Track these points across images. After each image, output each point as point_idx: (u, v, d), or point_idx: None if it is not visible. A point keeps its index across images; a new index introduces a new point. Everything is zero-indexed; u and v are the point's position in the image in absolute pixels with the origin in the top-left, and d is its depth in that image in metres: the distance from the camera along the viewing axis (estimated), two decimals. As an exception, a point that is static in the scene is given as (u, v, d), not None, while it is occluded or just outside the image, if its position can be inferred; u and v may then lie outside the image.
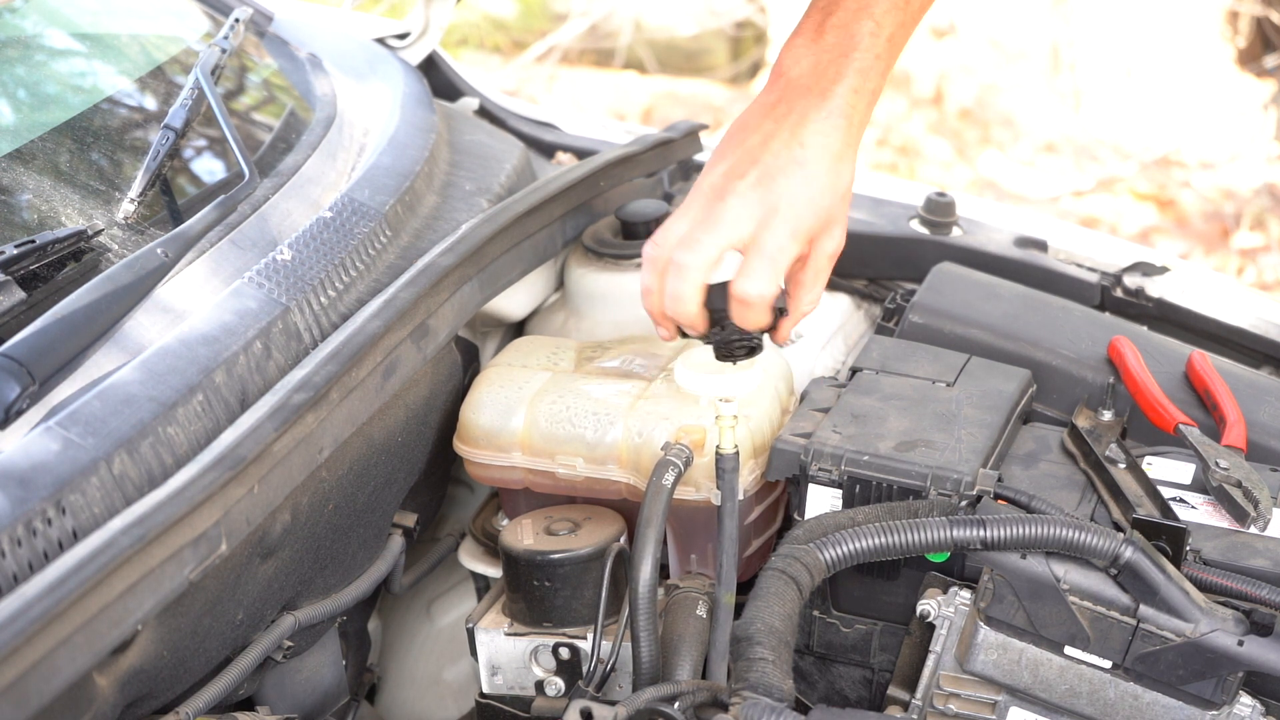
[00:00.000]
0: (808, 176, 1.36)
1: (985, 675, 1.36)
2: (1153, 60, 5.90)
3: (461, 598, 1.90)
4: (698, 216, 1.39)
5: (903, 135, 5.68)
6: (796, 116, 1.37)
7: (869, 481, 1.47)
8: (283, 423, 1.29)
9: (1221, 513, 1.46)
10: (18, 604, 1.02)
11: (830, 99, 1.37)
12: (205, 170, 1.77)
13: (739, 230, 1.36)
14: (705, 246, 1.37)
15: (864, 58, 1.38)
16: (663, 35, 6.12)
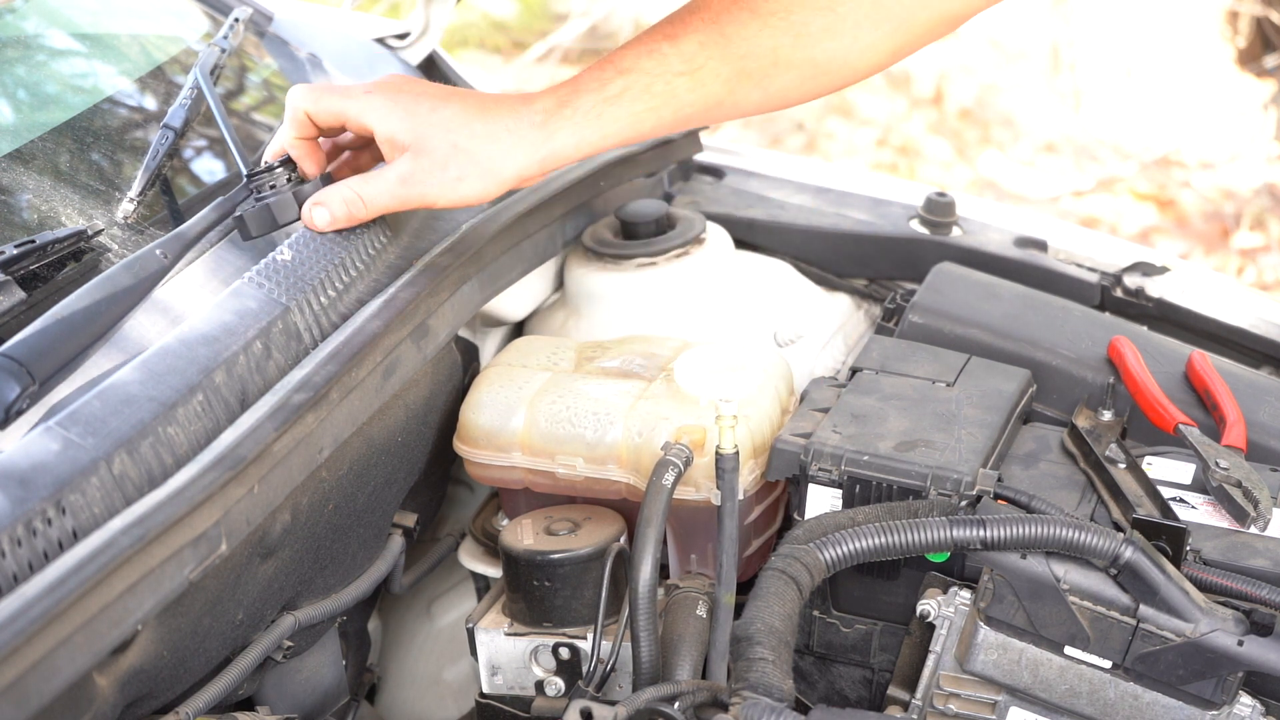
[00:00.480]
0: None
1: (985, 675, 1.36)
2: (1153, 60, 5.89)
3: (461, 598, 1.90)
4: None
5: (903, 135, 5.68)
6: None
7: (869, 481, 1.47)
8: (283, 423, 1.29)
9: (1221, 513, 1.46)
10: (18, 604, 1.02)
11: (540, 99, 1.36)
12: (205, 170, 1.77)
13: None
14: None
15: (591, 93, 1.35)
16: (663, 35, 6.11)
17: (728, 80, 1.36)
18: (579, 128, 1.35)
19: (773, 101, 1.41)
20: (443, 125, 1.35)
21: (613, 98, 1.34)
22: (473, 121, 1.35)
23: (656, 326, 1.79)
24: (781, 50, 1.36)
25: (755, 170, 2.18)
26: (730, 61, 1.35)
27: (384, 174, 1.38)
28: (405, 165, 1.36)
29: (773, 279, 1.93)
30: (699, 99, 1.36)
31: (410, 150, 1.35)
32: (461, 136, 1.34)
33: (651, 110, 1.35)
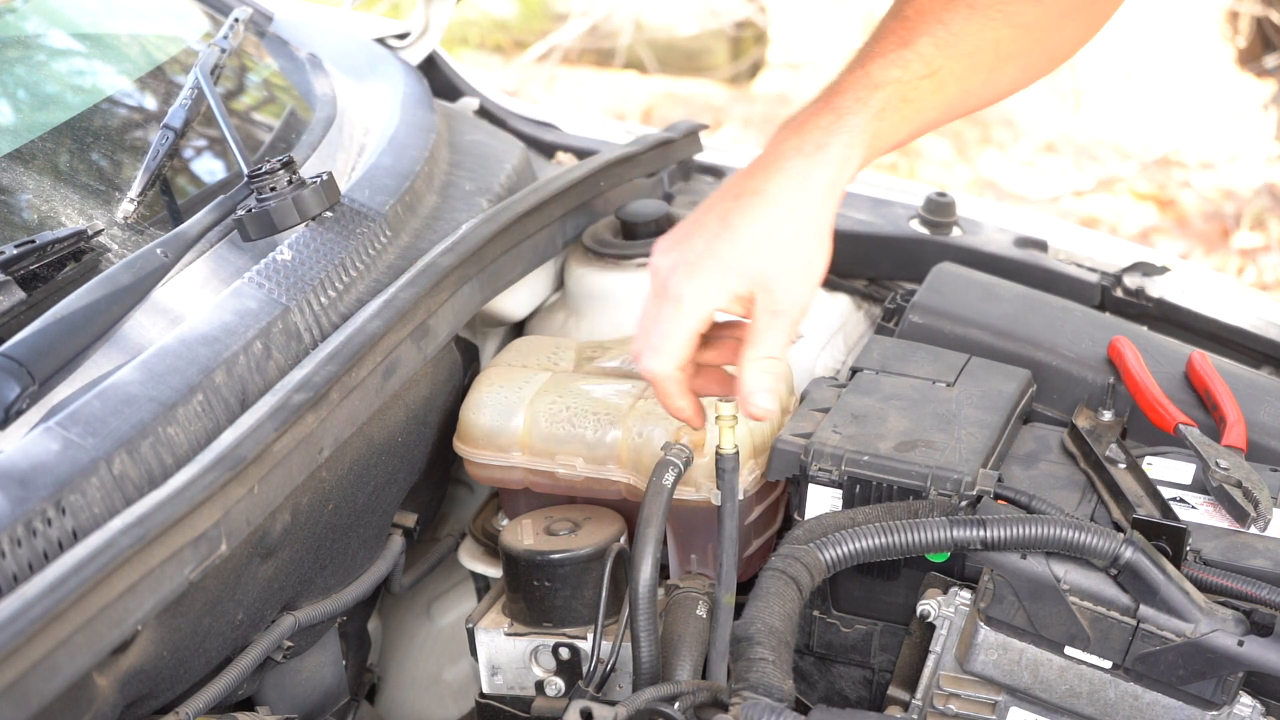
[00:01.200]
0: (749, 216, 1.31)
1: (985, 675, 1.36)
2: (1153, 60, 5.89)
3: (461, 598, 1.90)
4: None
5: (903, 135, 5.67)
6: (738, 188, 1.34)
7: (869, 481, 1.46)
8: (283, 423, 1.29)
9: (1221, 513, 1.46)
10: (18, 604, 1.02)
11: (804, 142, 1.33)
12: (205, 170, 1.77)
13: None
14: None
15: (854, 115, 1.34)
16: (663, 35, 6.12)
17: (961, 78, 1.38)
18: (850, 152, 1.33)
19: (994, 96, 1.44)
20: (753, 246, 1.31)
21: (878, 113, 1.34)
22: (766, 214, 1.31)
23: (656, 326, 1.79)
24: (1003, 44, 1.38)
25: (755, 170, 2.17)
26: (961, 59, 1.37)
27: (758, 325, 1.33)
28: (765, 302, 1.32)
29: (773, 279, 1.93)
30: (939, 102, 1.37)
31: (756, 288, 1.32)
32: (773, 237, 1.31)
33: (906, 120, 1.36)
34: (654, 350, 1.33)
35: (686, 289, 1.31)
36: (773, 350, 1.33)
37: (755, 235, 1.31)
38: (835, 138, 1.32)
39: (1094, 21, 1.45)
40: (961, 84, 1.37)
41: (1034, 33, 1.39)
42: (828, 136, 1.32)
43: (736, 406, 1.37)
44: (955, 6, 1.36)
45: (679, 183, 2.12)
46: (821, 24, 6.42)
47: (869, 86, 1.34)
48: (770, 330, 1.32)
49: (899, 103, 1.34)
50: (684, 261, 1.32)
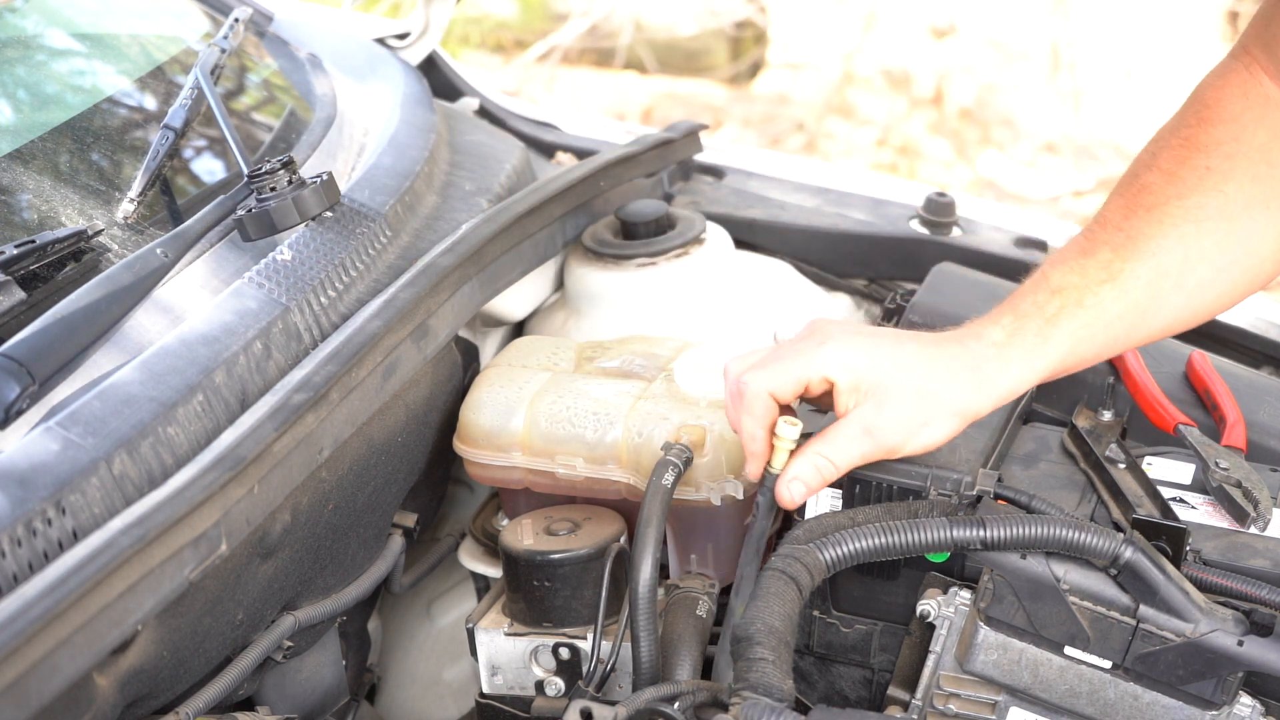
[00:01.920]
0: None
1: (985, 675, 1.36)
2: (1153, 60, 5.89)
3: (461, 598, 1.90)
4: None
5: (903, 135, 5.68)
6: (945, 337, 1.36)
7: (869, 482, 1.46)
8: (283, 423, 1.29)
9: (1221, 513, 1.46)
10: (18, 604, 1.02)
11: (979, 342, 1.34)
12: (205, 170, 1.77)
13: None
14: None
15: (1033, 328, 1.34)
16: (663, 35, 6.13)
17: (1149, 283, 1.35)
18: (1030, 356, 1.33)
19: (1195, 300, 1.39)
20: (905, 369, 1.31)
21: (1052, 318, 1.33)
22: (934, 361, 1.32)
23: (656, 326, 1.79)
24: (1187, 239, 1.36)
25: (755, 170, 2.18)
26: (1144, 260, 1.35)
27: (846, 429, 1.32)
28: (869, 415, 1.31)
29: (773, 279, 1.93)
30: (1125, 306, 1.35)
31: (874, 399, 1.31)
32: (925, 380, 1.31)
33: (1086, 328, 1.34)
34: (768, 366, 1.33)
35: (833, 340, 1.32)
36: (838, 457, 1.33)
37: (908, 357, 1.31)
38: (1012, 343, 1.33)
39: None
40: (1150, 288, 1.35)
41: (1223, 226, 1.36)
42: (1009, 340, 1.33)
43: (798, 432, 1.35)
44: (1135, 210, 1.37)
45: (679, 183, 2.12)
46: (821, 24, 6.42)
47: (1048, 292, 1.35)
48: (850, 439, 1.32)
49: (1075, 308, 1.34)
50: (851, 329, 1.34)
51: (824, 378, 1.32)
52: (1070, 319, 1.34)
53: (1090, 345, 1.36)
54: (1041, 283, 1.36)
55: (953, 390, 1.32)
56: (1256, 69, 1.42)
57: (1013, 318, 1.35)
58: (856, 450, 1.33)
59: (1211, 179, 1.37)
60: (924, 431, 1.33)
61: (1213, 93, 1.44)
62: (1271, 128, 1.39)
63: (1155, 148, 1.42)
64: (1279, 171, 1.38)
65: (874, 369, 1.31)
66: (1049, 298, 1.35)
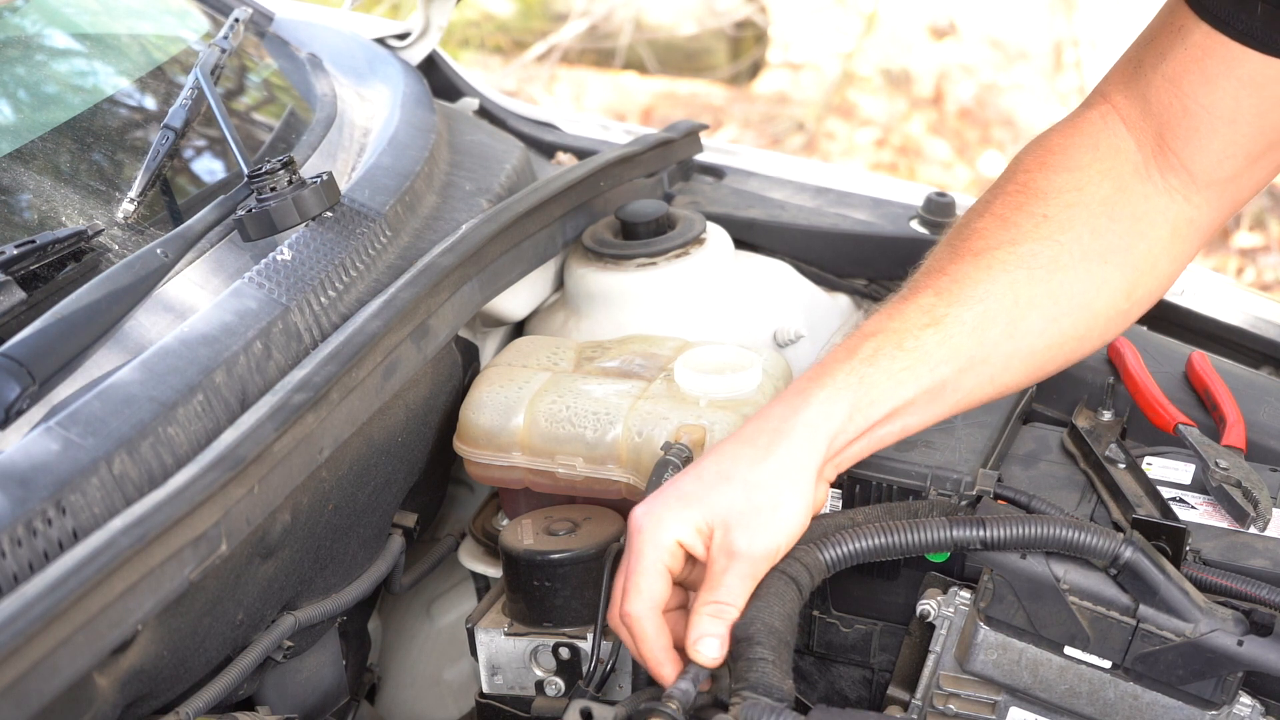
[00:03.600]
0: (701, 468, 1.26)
1: (985, 675, 1.36)
2: (1153, 60, 5.88)
3: (461, 598, 1.90)
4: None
5: (903, 135, 5.68)
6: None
7: (869, 481, 1.46)
8: (283, 423, 1.29)
9: (1221, 513, 1.46)
10: (18, 604, 1.02)
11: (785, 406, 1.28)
12: (205, 170, 1.77)
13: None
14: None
15: (836, 384, 1.28)
16: (663, 35, 6.13)
17: (974, 328, 1.30)
18: (844, 397, 1.27)
19: (1025, 351, 1.34)
20: (727, 481, 1.25)
21: (867, 358, 1.28)
22: (739, 453, 1.26)
23: (656, 326, 1.79)
24: (1018, 284, 1.31)
25: (755, 170, 2.18)
26: (969, 305, 1.30)
27: (714, 568, 1.25)
28: (723, 543, 1.24)
29: (773, 279, 1.93)
30: (949, 353, 1.30)
31: (717, 529, 1.25)
32: (748, 475, 1.25)
33: (908, 370, 1.28)
34: (627, 590, 1.26)
35: (646, 520, 1.25)
36: (726, 596, 1.23)
37: (722, 471, 1.25)
38: (816, 384, 1.27)
39: (1136, 269, 1.35)
40: (976, 335, 1.30)
41: (1056, 276, 1.32)
42: (810, 384, 1.28)
43: None
44: (962, 256, 1.32)
45: (679, 183, 2.12)
46: (821, 24, 6.43)
47: (859, 336, 1.30)
48: (725, 573, 1.24)
49: (893, 350, 1.28)
50: (653, 498, 1.27)
51: (675, 551, 1.25)
52: (889, 360, 1.28)
53: (915, 389, 1.29)
54: (855, 333, 1.31)
55: (782, 462, 1.25)
56: (1114, 118, 1.37)
57: (819, 369, 1.29)
58: (735, 578, 1.24)
59: (1047, 227, 1.32)
60: (780, 514, 1.25)
61: (1059, 139, 1.38)
62: (1118, 181, 1.35)
63: (990, 195, 1.37)
64: (1119, 227, 1.34)
65: (704, 507, 1.25)
66: (861, 340, 1.29)
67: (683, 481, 1.28)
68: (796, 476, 1.26)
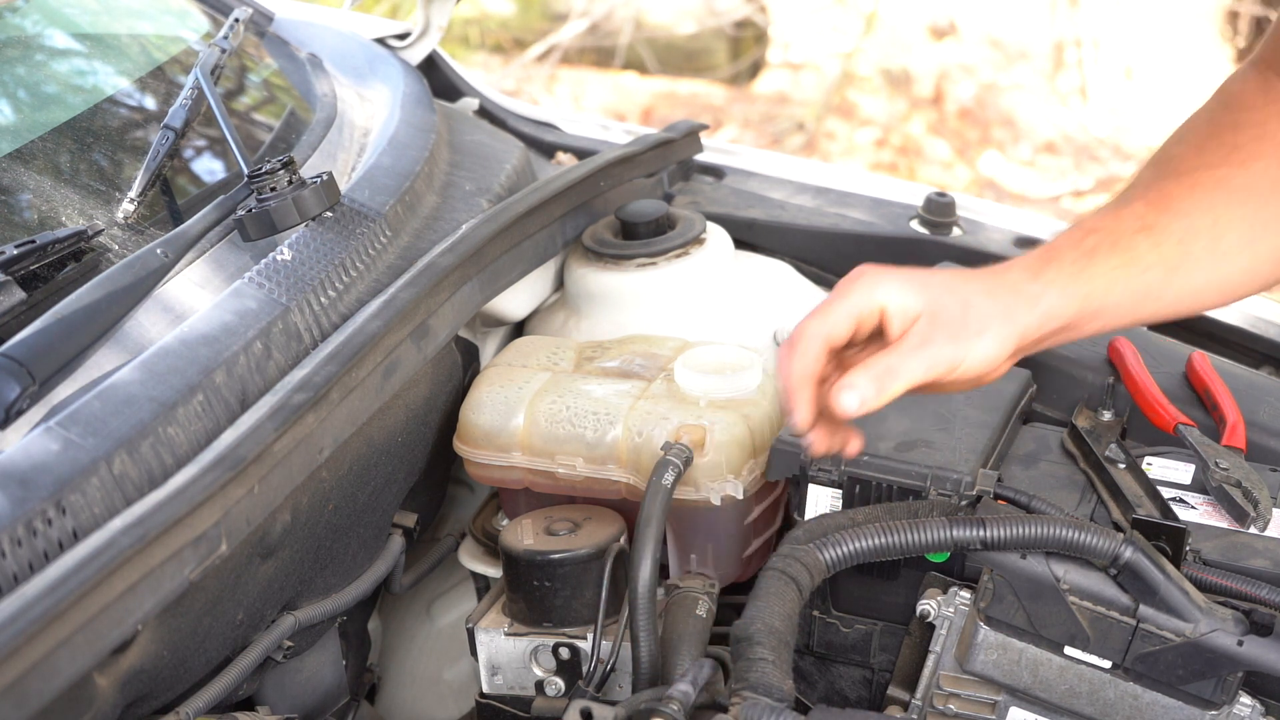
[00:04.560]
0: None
1: (985, 675, 1.36)
2: (1153, 60, 5.90)
3: (461, 598, 1.90)
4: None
5: (903, 135, 5.68)
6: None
7: (869, 481, 1.47)
8: (283, 423, 1.29)
9: (1221, 513, 1.46)
10: (18, 604, 1.02)
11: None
12: (205, 170, 1.77)
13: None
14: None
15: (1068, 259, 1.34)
16: (662, 35, 6.13)
17: (1180, 240, 1.35)
18: (1067, 282, 1.32)
19: (1225, 270, 1.39)
20: (949, 287, 1.30)
21: (1089, 251, 1.33)
22: (975, 282, 1.32)
23: (656, 326, 1.79)
24: (1217, 205, 1.37)
25: (755, 170, 2.18)
26: (1178, 219, 1.36)
27: (904, 344, 1.27)
28: (923, 330, 1.28)
29: (773, 279, 1.93)
30: (1158, 258, 1.35)
31: (924, 315, 1.28)
32: (972, 295, 1.30)
33: (1121, 269, 1.34)
34: (813, 311, 1.29)
35: (868, 273, 1.30)
36: (900, 368, 1.26)
37: (950, 284, 1.31)
38: (1044, 263, 1.33)
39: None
40: (1182, 246, 1.35)
41: (1250, 201, 1.37)
42: (1040, 263, 1.33)
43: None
44: (1165, 176, 1.38)
45: (679, 183, 2.12)
46: (821, 24, 6.43)
47: (1081, 231, 1.35)
48: (911, 353, 1.26)
49: (1109, 248, 1.33)
50: (885, 269, 1.32)
51: (876, 309, 1.28)
52: (1106, 257, 1.33)
53: (1125, 290, 1.34)
54: (1076, 227, 1.37)
55: (999, 304, 1.31)
56: (1273, 79, 1.43)
57: (1047, 251, 1.35)
58: (916, 364, 1.27)
59: (1238, 155, 1.38)
60: (979, 343, 1.28)
61: (1236, 86, 1.46)
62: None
63: (1182, 131, 1.44)
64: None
65: (922, 293, 1.29)
66: (1084, 235, 1.34)
67: (923, 272, 1.32)
68: (1005, 325, 1.30)
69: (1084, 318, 1.33)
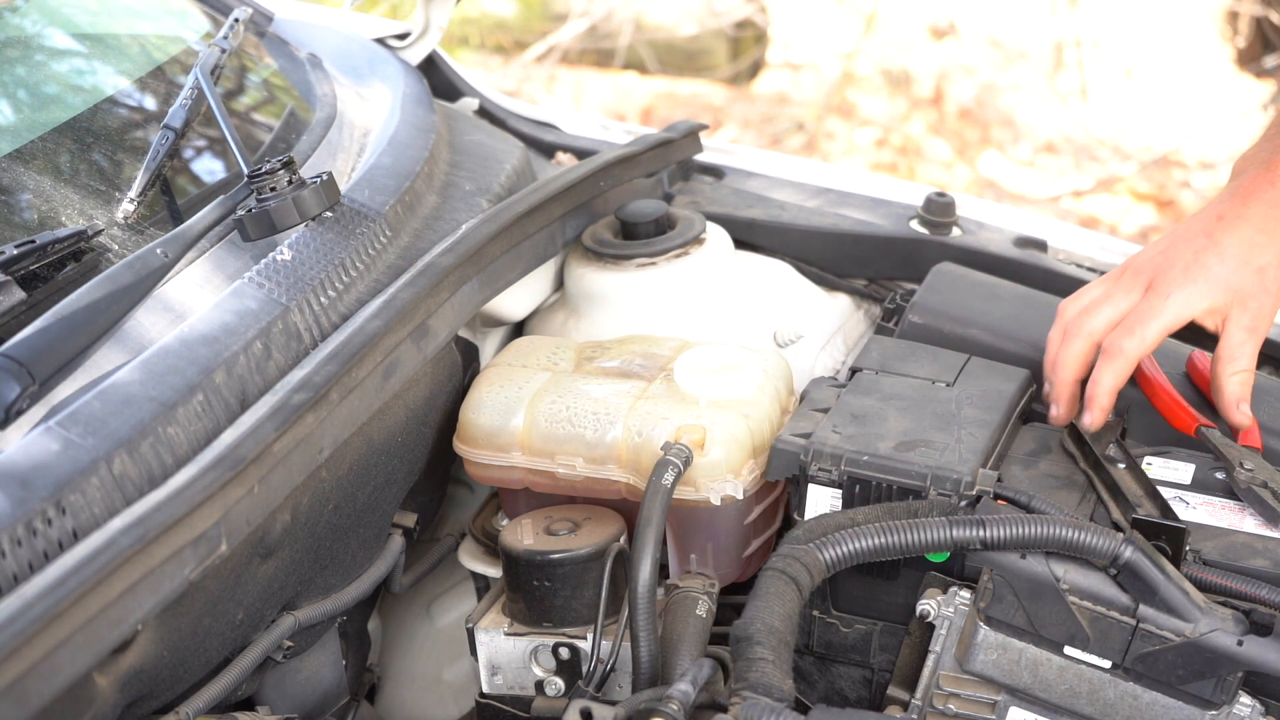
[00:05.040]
0: (1218, 253, 1.45)
1: (985, 675, 1.37)
2: (1153, 60, 5.90)
3: (461, 598, 1.90)
4: (1136, 302, 1.48)
5: (903, 135, 5.68)
6: (1219, 209, 1.47)
7: (869, 481, 1.47)
8: (283, 423, 1.29)
9: (1221, 512, 1.46)
10: (18, 604, 1.02)
11: (1251, 202, 1.45)
12: (205, 170, 1.77)
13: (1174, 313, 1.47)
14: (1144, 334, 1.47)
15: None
16: (662, 35, 6.12)
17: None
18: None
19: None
20: (1232, 261, 1.43)
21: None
22: (1248, 235, 1.43)
23: (656, 326, 1.79)
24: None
25: (755, 170, 2.18)
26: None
27: (1235, 338, 1.48)
28: (1242, 319, 1.46)
29: (773, 279, 1.93)
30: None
31: (1234, 305, 1.45)
32: (1253, 261, 1.43)
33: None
34: (1130, 333, 1.45)
35: (1175, 290, 1.44)
36: (1247, 365, 1.47)
37: (1239, 253, 1.42)
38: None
39: None
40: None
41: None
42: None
43: None
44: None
45: (678, 183, 2.12)
46: (821, 24, 6.43)
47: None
48: (1245, 345, 1.47)
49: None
50: (1172, 265, 1.44)
51: (1182, 320, 1.44)
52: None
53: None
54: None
55: (1276, 249, 1.42)
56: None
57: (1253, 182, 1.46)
58: (1252, 349, 1.47)
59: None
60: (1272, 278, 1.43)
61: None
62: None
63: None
64: None
65: (1216, 286, 1.43)
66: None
67: (1205, 258, 1.45)
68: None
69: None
